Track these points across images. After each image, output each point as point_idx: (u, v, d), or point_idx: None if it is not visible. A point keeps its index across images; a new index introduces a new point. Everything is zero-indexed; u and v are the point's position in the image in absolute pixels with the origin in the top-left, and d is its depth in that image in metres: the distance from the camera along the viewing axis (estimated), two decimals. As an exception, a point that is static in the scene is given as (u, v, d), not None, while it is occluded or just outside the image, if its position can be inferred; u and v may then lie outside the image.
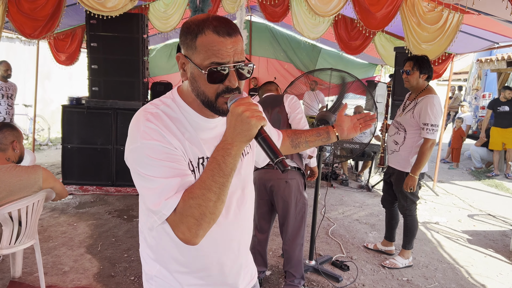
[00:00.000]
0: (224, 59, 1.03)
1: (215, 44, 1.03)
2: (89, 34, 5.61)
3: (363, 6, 4.56)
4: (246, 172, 1.27)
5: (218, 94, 1.07)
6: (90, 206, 5.03)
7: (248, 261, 1.38)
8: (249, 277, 1.39)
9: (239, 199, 1.24)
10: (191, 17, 1.22)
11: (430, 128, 3.33)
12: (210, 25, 1.04)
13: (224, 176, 1.01)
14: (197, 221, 1.01)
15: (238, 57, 1.05)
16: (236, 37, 1.05)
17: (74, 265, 3.44)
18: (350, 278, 3.46)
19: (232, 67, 1.04)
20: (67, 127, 5.79)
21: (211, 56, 1.03)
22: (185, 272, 1.22)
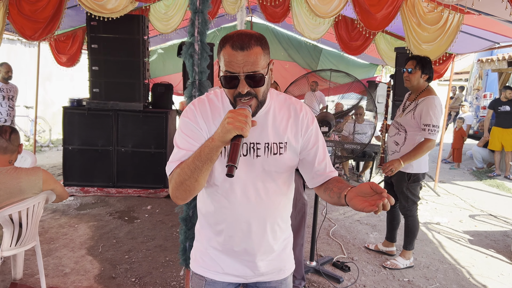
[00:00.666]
0: (234, 69, 1.25)
1: (228, 56, 1.25)
2: (90, 35, 5.62)
3: (363, 7, 4.56)
4: (272, 169, 1.41)
5: (235, 97, 1.30)
6: (91, 207, 5.03)
7: (271, 250, 1.51)
8: (274, 267, 1.54)
9: (258, 189, 1.41)
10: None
11: (432, 129, 3.32)
12: (230, 40, 1.26)
13: (200, 161, 1.25)
14: (176, 185, 1.31)
15: (249, 68, 1.24)
16: (249, 51, 1.24)
17: (75, 266, 3.44)
18: (351, 279, 3.45)
19: (242, 76, 1.25)
20: (68, 128, 5.80)
21: (226, 66, 1.26)
22: (207, 234, 1.51)
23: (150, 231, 4.32)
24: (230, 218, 1.43)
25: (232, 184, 1.39)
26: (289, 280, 1.64)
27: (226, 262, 1.50)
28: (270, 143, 1.39)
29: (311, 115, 1.47)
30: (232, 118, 1.18)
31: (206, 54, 2.84)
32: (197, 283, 1.55)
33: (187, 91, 2.88)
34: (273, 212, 1.47)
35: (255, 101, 1.30)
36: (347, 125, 7.25)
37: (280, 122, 1.42)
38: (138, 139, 5.79)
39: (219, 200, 1.43)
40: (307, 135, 1.45)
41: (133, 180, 5.84)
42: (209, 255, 1.51)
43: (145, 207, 5.09)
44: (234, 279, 1.53)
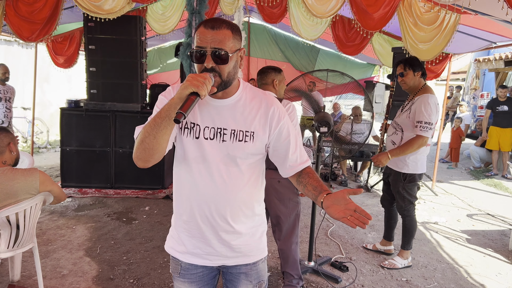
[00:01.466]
0: (202, 44, 1.36)
1: (199, 32, 1.37)
2: (87, 36, 5.61)
3: (361, 7, 4.57)
4: (236, 154, 1.48)
5: (201, 72, 1.37)
6: (89, 208, 5.02)
7: (235, 234, 1.56)
8: (239, 252, 1.59)
9: (221, 171, 1.48)
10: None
11: (424, 126, 3.34)
12: (204, 22, 1.38)
13: (159, 118, 1.32)
14: (137, 144, 1.37)
15: (216, 45, 1.35)
16: (219, 30, 1.35)
17: (73, 268, 3.44)
18: (349, 279, 3.46)
19: (209, 51, 1.35)
20: (65, 129, 5.78)
21: (196, 42, 1.37)
22: (179, 212, 1.59)
23: (148, 232, 4.31)
24: (194, 196, 1.51)
25: (199, 164, 1.48)
26: (260, 266, 1.68)
27: (190, 242, 1.57)
28: (237, 130, 1.47)
29: (283, 110, 1.54)
30: (192, 77, 1.29)
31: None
32: (174, 267, 1.65)
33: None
34: (235, 196, 1.52)
35: (219, 79, 1.38)
36: (345, 125, 7.26)
37: (250, 112, 1.49)
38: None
39: (186, 178, 1.52)
40: (278, 129, 1.51)
41: (131, 181, 5.83)
42: (176, 235, 1.61)
43: (143, 208, 5.08)
44: (200, 261, 1.59)
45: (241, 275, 1.63)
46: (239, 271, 1.63)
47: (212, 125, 1.46)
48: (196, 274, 1.62)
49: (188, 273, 1.62)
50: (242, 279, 1.63)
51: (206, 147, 1.46)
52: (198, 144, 1.47)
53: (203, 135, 1.47)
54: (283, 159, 1.57)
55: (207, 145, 1.46)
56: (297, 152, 1.57)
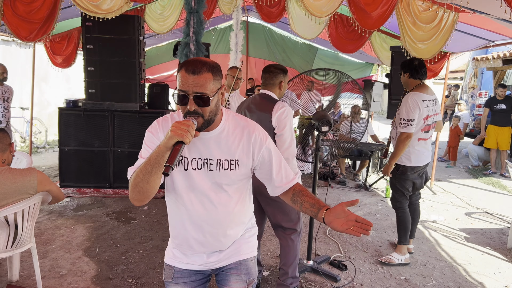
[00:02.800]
0: (184, 88, 1.42)
1: (182, 77, 1.43)
2: (85, 36, 5.60)
3: (359, 6, 4.56)
4: (223, 182, 1.58)
5: (185, 114, 1.47)
6: (87, 208, 5.02)
7: (230, 239, 1.69)
8: (231, 253, 1.71)
9: (211, 198, 1.58)
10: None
11: (403, 123, 3.53)
12: (186, 65, 1.45)
13: (149, 165, 1.40)
14: (132, 187, 1.46)
15: (197, 89, 1.41)
16: (200, 75, 1.42)
17: (71, 268, 3.43)
18: (348, 278, 3.46)
19: (191, 95, 1.42)
20: (64, 129, 5.78)
21: (179, 85, 1.44)
22: (173, 236, 1.71)
23: (147, 231, 4.31)
24: (187, 222, 1.62)
25: (189, 193, 1.58)
26: (250, 264, 1.77)
27: (187, 256, 1.69)
28: (222, 159, 1.57)
29: (264, 135, 1.64)
30: (175, 127, 1.35)
31: (201, 53, 2.84)
32: (168, 273, 1.73)
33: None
34: (225, 218, 1.63)
35: (201, 119, 1.46)
36: (344, 124, 7.27)
37: (233, 141, 1.58)
38: (134, 139, 5.77)
39: (178, 207, 1.62)
40: (261, 153, 1.61)
41: (130, 180, 5.82)
42: (175, 249, 1.72)
43: (142, 207, 5.08)
44: (197, 267, 1.70)
45: (231, 270, 1.74)
46: (229, 267, 1.74)
47: (199, 156, 1.56)
48: (189, 278, 1.72)
49: (181, 277, 1.71)
50: (233, 274, 1.73)
51: (194, 177, 1.56)
52: (187, 175, 1.56)
53: (191, 166, 1.56)
54: (269, 180, 1.68)
55: (196, 175, 1.56)
56: (281, 172, 1.67)
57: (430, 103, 3.62)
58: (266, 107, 2.84)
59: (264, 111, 2.83)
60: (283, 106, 2.80)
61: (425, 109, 3.57)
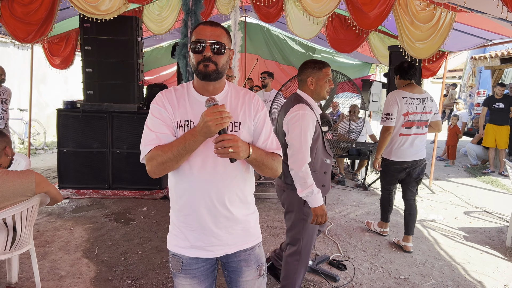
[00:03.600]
0: (201, 37, 1.55)
1: (199, 29, 1.58)
2: (83, 37, 5.60)
3: (356, 6, 4.57)
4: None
5: (198, 62, 1.56)
6: (86, 210, 5.02)
7: (234, 220, 1.69)
8: (238, 239, 1.72)
9: (216, 161, 1.60)
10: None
11: (383, 117, 3.91)
12: (201, 23, 1.61)
13: (184, 150, 1.51)
14: (157, 164, 1.55)
15: (214, 38, 1.54)
16: (217, 28, 1.57)
17: (70, 269, 3.43)
18: (347, 277, 3.46)
19: (208, 42, 1.54)
20: (62, 131, 5.77)
21: (195, 36, 1.56)
22: (179, 208, 1.69)
23: (146, 232, 4.31)
24: (194, 188, 1.63)
25: (195, 157, 1.61)
26: (257, 250, 1.79)
27: (193, 235, 1.68)
28: None
29: (262, 104, 1.74)
30: (212, 119, 1.43)
31: (199, 54, 2.84)
32: (175, 264, 1.74)
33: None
34: (231, 182, 1.66)
35: (214, 66, 1.56)
36: (342, 124, 7.27)
37: (236, 105, 1.68)
38: (133, 140, 5.77)
39: (184, 173, 1.63)
40: (256, 118, 1.70)
41: (129, 181, 5.83)
42: (178, 230, 1.71)
43: (141, 208, 5.08)
44: (203, 253, 1.69)
45: (241, 262, 1.75)
46: (239, 258, 1.74)
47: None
48: (198, 269, 1.72)
49: (189, 268, 1.71)
50: (243, 266, 1.75)
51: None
52: None
53: None
54: (255, 142, 1.72)
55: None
56: (268, 141, 1.72)
57: (412, 101, 3.87)
58: (287, 107, 2.67)
59: (283, 112, 2.70)
60: (297, 109, 2.54)
61: (404, 106, 3.85)
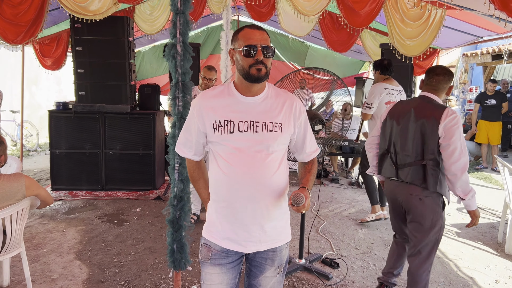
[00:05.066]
0: (253, 42, 1.61)
1: (248, 34, 1.64)
2: (74, 38, 5.56)
3: (347, 4, 4.58)
4: (269, 142, 1.69)
5: (250, 66, 1.62)
6: (79, 211, 5.00)
7: (270, 217, 1.74)
8: (270, 236, 1.77)
9: (256, 158, 1.68)
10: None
11: (364, 105, 4.46)
12: (246, 26, 1.68)
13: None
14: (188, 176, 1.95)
15: (264, 42, 1.63)
16: (264, 32, 1.66)
17: (63, 272, 3.42)
18: (340, 276, 3.47)
19: (259, 47, 1.61)
20: (54, 132, 5.74)
21: (245, 41, 1.62)
22: (215, 200, 1.78)
23: (139, 233, 4.30)
24: (234, 184, 1.69)
25: (235, 155, 1.68)
26: (284, 252, 1.85)
27: (228, 227, 1.74)
28: (267, 122, 1.70)
29: (303, 107, 1.81)
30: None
31: (188, 55, 2.82)
32: (205, 253, 1.80)
33: (170, 92, 2.87)
34: (270, 180, 1.71)
35: (265, 69, 1.64)
36: (335, 122, 7.29)
37: (276, 107, 1.73)
38: (126, 141, 5.75)
39: (224, 170, 1.70)
40: (299, 121, 1.78)
41: (122, 182, 5.81)
42: (215, 220, 1.78)
43: (135, 209, 5.07)
44: (236, 246, 1.75)
45: (267, 260, 1.81)
46: (266, 256, 1.80)
47: (245, 119, 1.68)
48: (226, 259, 1.77)
49: (218, 258, 1.77)
50: (268, 264, 1.81)
51: (241, 139, 1.67)
52: (233, 138, 1.67)
53: (238, 128, 1.67)
54: (302, 147, 1.86)
55: (242, 137, 1.67)
56: (312, 141, 1.88)
57: (393, 92, 4.40)
58: (432, 112, 2.54)
59: (428, 117, 2.54)
60: (453, 112, 2.49)
61: (386, 96, 4.36)
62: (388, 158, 2.79)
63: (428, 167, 2.55)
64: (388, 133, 2.80)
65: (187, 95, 2.86)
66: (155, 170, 5.80)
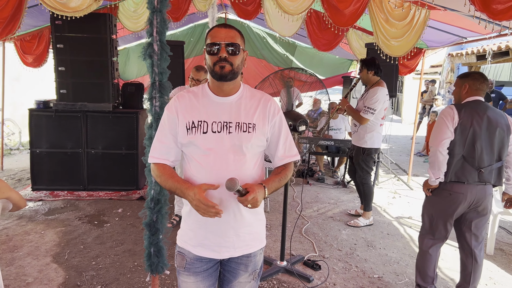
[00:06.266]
0: (216, 40, 1.60)
1: (214, 32, 1.63)
2: (55, 35, 5.44)
3: (331, 3, 4.54)
4: (242, 143, 1.65)
5: (214, 63, 1.61)
6: (60, 212, 4.90)
7: (243, 222, 1.71)
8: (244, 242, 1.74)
9: (229, 161, 1.64)
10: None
11: (366, 110, 4.37)
12: (216, 26, 1.67)
13: (174, 192, 1.64)
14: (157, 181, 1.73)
15: (229, 40, 1.60)
16: (231, 30, 1.63)
17: (38, 275, 3.33)
18: (321, 278, 3.45)
19: (223, 44, 1.59)
20: (35, 131, 5.62)
21: (211, 39, 1.61)
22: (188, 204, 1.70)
23: (120, 235, 4.23)
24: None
25: (208, 156, 1.64)
26: (258, 257, 1.82)
27: (200, 233, 1.71)
28: (241, 122, 1.66)
29: (278, 107, 1.77)
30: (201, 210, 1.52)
31: (166, 54, 2.76)
32: (180, 262, 1.78)
33: (147, 92, 2.81)
34: (243, 183, 1.62)
35: (229, 67, 1.60)
36: (321, 121, 7.27)
37: (250, 107, 1.71)
38: (108, 140, 5.66)
39: (197, 171, 1.67)
40: (274, 121, 1.74)
41: (104, 182, 5.72)
42: (187, 227, 1.76)
43: (116, 210, 4.99)
44: (209, 253, 1.72)
45: (241, 265, 1.78)
46: (240, 261, 1.77)
47: (219, 119, 1.65)
48: (201, 267, 1.75)
49: (193, 267, 1.75)
50: (241, 269, 1.78)
51: (214, 140, 1.64)
52: (206, 138, 1.64)
53: (211, 129, 1.64)
54: (275, 150, 1.78)
55: (216, 138, 1.64)
56: (286, 145, 1.79)
57: (387, 97, 4.54)
58: (502, 119, 2.81)
59: (502, 124, 2.80)
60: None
61: (387, 102, 4.50)
62: (468, 162, 2.79)
63: (501, 168, 2.86)
64: (467, 138, 2.77)
65: (164, 96, 2.80)
66: (138, 170, 5.71)
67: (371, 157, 4.55)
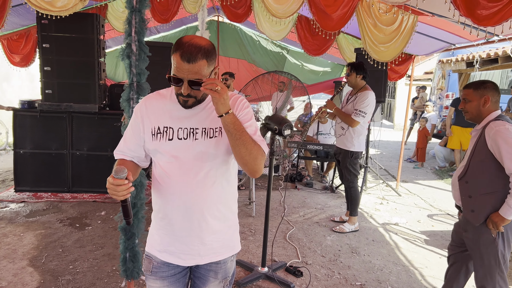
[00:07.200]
0: (179, 75, 1.48)
1: (177, 64, 1.47)
2: (41, 34, 5.36)
3: (319, 8, 4.51)
4: (209, 150, 1.59)
5: (177, 94, 1.55)
6: (41, 214, 4.81)
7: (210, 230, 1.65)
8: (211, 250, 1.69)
9: (196, 169, 1.59)
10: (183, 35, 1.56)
11: (357, 113, 4.35)
12: (181, 49, 1.46)
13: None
14: None
15: (192, 76, 1.47)
16: (195, 64, 1.45)
17: (13, 279, 3.25)
18: (303, 285, 3.39)
19: (185, 81, 1.48)
20: (19, 131, 5.53)
21: (174, 70, 1.49)
22: (156, 210, 1.71)
23: (101, 238, 4.15)
24: (170, 193, 1.62)
25: (173, 163, 1.60)
26: (229, 264, 1.76)
27: (166, 239, 1.67)
28: (207, 128, 1.60)
29: (246, 103, 1.67)
30: (110, 189, 1.43)
31: (144, 54, 2.72)
32: (147, 265, 1.75)
33: (124, 93, 2.76)
34: (209, 191, 1.62)
35: (193, 99, 1.55)
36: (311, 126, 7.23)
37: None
38: (93, 142, 5.58)
39: (162, 178, 1.63)
40: (239, 116, 1.60)
41: (89, 184, 5.63)
42: (154, 232, 1.73)
43: (99, 213, 4.90)
44: (174, 259, 1.68)
45: (210, 272, 1.73)
46: (209, 268, 1.72)
47: (185, 126, 1.59)
48: (168, 272, 1.71)
49: (159, 271, 1.71)
50: (211, 276, 1.73)
51: (180, 146, 1.58)
52: (172, 145, 1.59)
53: (177, 135, 1.59)
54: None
55: (181, 145, 1.59)
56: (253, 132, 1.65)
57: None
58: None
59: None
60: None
61: (376, 104, 4.63)
62: None
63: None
64: None
65: (142, 97, 2.75)
66: (123, 172, 5.63)
67: (357, 160, 4.63)
